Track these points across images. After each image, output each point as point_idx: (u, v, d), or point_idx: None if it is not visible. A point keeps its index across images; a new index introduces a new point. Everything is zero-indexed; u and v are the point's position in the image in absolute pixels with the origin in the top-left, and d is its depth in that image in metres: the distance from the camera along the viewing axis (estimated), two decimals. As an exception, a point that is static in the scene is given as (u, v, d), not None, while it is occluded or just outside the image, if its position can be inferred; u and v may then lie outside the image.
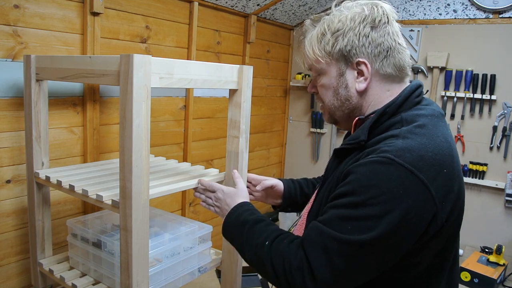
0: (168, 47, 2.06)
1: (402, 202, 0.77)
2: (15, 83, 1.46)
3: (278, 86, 3.10)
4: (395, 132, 0.85)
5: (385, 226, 0.77)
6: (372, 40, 0.89)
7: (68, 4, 1.59)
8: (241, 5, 2.39)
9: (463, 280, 2.15)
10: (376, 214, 0.78)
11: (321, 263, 0.81)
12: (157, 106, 2.07)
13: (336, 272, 0.81)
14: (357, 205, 0.80)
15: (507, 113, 2.47)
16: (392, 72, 0.91)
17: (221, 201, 1.15)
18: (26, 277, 1.57)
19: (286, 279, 0.86)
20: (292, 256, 0.86)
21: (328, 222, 0.83)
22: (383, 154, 0.80)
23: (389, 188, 0.78)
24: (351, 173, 0.83)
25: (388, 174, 0.78)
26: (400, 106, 0.89)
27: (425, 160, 0.80)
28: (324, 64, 0.93)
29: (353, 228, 0.79)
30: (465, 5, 2.55)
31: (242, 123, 1.28)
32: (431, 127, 0.86)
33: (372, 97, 0.93)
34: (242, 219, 1.01)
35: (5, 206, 1.49)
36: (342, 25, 0.89)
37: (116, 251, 1.22)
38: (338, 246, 0.80)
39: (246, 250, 0.95)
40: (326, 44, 0.91)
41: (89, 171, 1.38)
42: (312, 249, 0.83)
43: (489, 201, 2.58)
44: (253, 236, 0.95)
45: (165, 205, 2.20)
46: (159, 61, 1.00)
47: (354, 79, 0.92)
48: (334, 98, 0.95)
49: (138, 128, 0.97)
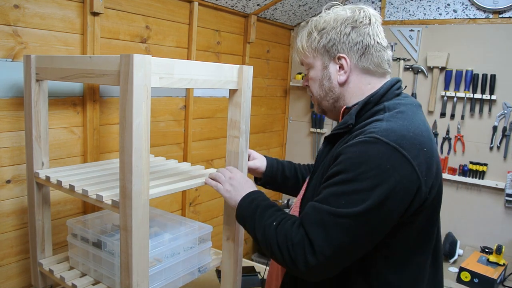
0: (168, 47, 2.06)
1: (390, 176, 0.86)
2: (15, 83, 1.46)
3: (278, 86, 3.10)
4: (379, 117, 0.96)
5: (376, 198, 0.86)
6: (352, 39, 1.01)
7: (68, 4, 1.59)
8: (241, 5, 2.40)
9: (463, 280, 2.15)
10: (367, 187, 0.86)
11: (320, 237, 0.89)
12: (157, 106, 2.08)
13: (334, 245, 0.89)
14: (349, 181, 0.88)
15: (507, 113, 2.47)
16: (370, 67, 1.03)
17: (237, 182, 1.18)
18: (26, 277, 1.57)
19: (290, 255, 0.93)
20: (293, 234, 0.93)
21: (323, 200, 0.92)
22: (370, 134, 0.90)
23: (378, 164, 0.87)
24: (341, 154, 0.93)
25: (376, 152, 0.87)
26: (383, 96, 1.01)
27: (407, 139, 0.89)
28: (311, 58, 1.07)
29: (347, 202, 0.88)
30: (465, 5, 2.55)
31: (242, 123, 1.28)
32: (411, 113, 0.97)
33: (354, 89, 1.05)
34: (255, 204, 1.08)
35: (5, 206, 1.49)
36: (326, 25, 1.03)
37: (116, 251, 1.22)
38: (335, 219, 0.88)
39: (256, 231, 1.03)
40: (313, 41, 1.05)
41: (89, 171, 1.38)
42: (311, 225, 0.91)
43: (489, 201, 2.58)
44: (262, 218, 1.03)
45: (165, 205, 2.20)
46: (159, 61, 1.00)
47: (336, 72, 1.04)
48: (320, 89, 1.08)
49: (138, 128, 0.97)
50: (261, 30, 2.74)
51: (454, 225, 2.66)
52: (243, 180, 1.19)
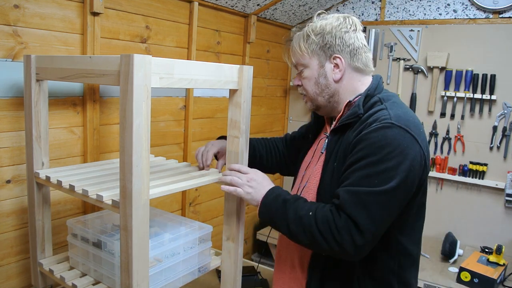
0: (168, 47, 2.06)
1: (408, 153, 1.02)
2: (15, 83, 1.46)
3: (278, 86, 3.10)
4: (381, 107, 1.11)
5: (402, 173, 1.01)
6: (345, 41, 1.15)
7: (68, 4, 1.59)
8: (241, 5, 2.40)
9: (463, 280, 2.15)
10: (394, 165, 1.01)
11: (364, 217, 1.00)
12: (157, 106, 2.08)
13: (376, 220, 1.02)
14: (377, 162, 1.02)
15: (507, 113, 2.47)
16: (360, 66, 1.17)
17: (256, 182, 1.19)
18: (26, 277, 1.57)
19: (335, 240, 1.02)
20: (336, 218, 1.03)
21: (357, 183, 1.03)
22: (384, 121, 1.05)
23: (397, 144, 1.02)
24: (362, 140, 1.06)
25: (394, 134, 1.03)
26: (375, 90, 1.17)
27: (411, 123, 1.07)
28: (307, 58, 1.18)
29: (379, 181, 1.01)
30: (465, 5, 2.55)
31: (242, 123, 1.28)
32: (400, 103, 1.16)
33: (347, 85, 1.18)
34: (282, 199, 1.13)
35: (5, 206, 1.49)
36: (322, 29, 1.15)
37: (116, 251, 1.22)
38: (374, 198, 1.01)
39: (290, 224, 1.08)
40: (311, 43, 1.16)
41: (89, 171, 1.38)
42: (353, 208, 1.01)
43: (489, 201, 2.58)
44: (295, 210, 1.09)
45: (165, 205, 2.21)
46: (159, 61, 1.00)
47: (332, 70, 1.17)
48: (316, 87, 1.19)
49: (138, 128, 0.97)
50: (261, 30, 2.74)
51: (454, 225, 2.66)
52: (260, 178, 1.21)
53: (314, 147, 1.33)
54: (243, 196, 1.19)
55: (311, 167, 1.27)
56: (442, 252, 2.45)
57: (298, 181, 1.33)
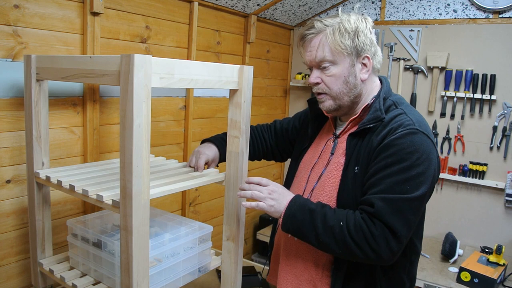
0: (168, 47, 2.06)
1: (432, 158, 1.07)
2: (15, 83, 1.46)
3: (278, 86, 3.10)
4: (399, 111, 1.14)
5: (429, 178, 1.06)
6: (372, 41, 1.17)
7: (68, 4, 1.59)
8: (241, 5, 2.40)
9: (463, 280, 2.15)
10: (423, 171, 1.05)
11: (401, 224, 1.03)
12: (157, 106, 2.08)
13: (411, 226, 1.05)
14: (408, 168, 1.05)
15: (507, 113, 2.47)
16: (378, 66, 1.20)
17: (278, 193, 1.16)
18: (26, 277, 1.57)
19: (371, 249, 1.04)
20: (371, 227, 1.04)
21: (390, 190, 1.04)
22: (409, 127, 1.08)
23: (423, 150, 1.06)
24: (389, 146, 1.07)
25: (420, 140, 1.07)
26: (388, 92, 1.21)
27: (427, 127, 1.13)
28: (342, 56, 1.15)
29: (411, 186, 1.04)
30: (465, 5, 2.55)
31: (242, 123, 1.28)
32: (410, 106, 1.21)
33: (368, 86, 1.20)
34: (308, 209, 1.11)
35: (5, 206, 1.49)
36: (357, 26, 1.14)
37: (116, 251, 1.22)
38: (409, 204, 1.04)
39: (320, 235, 1.08)
40: (347, 40, 1.13)
41: (89, 171, 1.38)
42: (390, 216, 1.03)
43: (489, 201, 2.58)
44: (324, 221, 1.08)
45: (165, 205, 2.20)
46: (159, 61, 1.00)
47: (360, 70, 1.17)
48: (344, 85, 1.17)
49: (139, 128, 0.97)
50: (261, 30, 2.74)
51: (454, 225, 2.66)
52: (281, 189, 1.17)
53: (318, 146, 1.30)
54: (266, 210, 1.14)
55: (318, 168, 1.25)
56: (442, 252, 2.45)
57: (301, 181, 1.30)
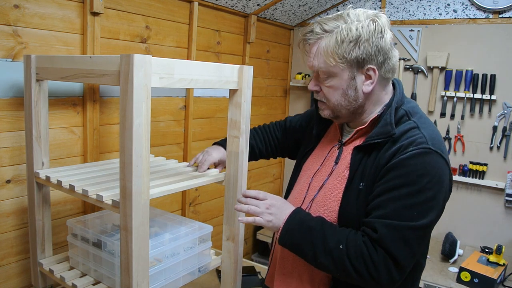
0: (168, 47, 2.06)
1: (444, 180, 0.99)
2: (15, 83, 1.46)
3: (278, 86, 3.10)
4: (412, 125, 1.04)
5: (439, 203, 0.99)
6: (381, 49, 1.01)
7: (68, 4, 1.59)
8: (241, 5, 2.40)
9: (463, 280, 2.15)
10: (432, 196, 0.97)
11: (405, 253, 0.96)
12: (157, 106, 2.07)
13: (415, 255, 0.98)
14: (417, 192, 0.96)
15: (507, 113, 2.47)
16: (390, 75, 1.07)
17: (276, 207, 1.08)
18: (26, 277, 1.57)
19: (371, 276, 0.97)
20: (372, 254, 0.97)
21: (395, 216, 0.96)
22: (421, 145, 0.98)
23: (435, 173, 0.98)
24: (398, 166, 0.98)
25: (433, 162, 0.98)
26: (401, 100, 1.09)
27: (441, 143, 1.02)
28: (337, 67, 1.03)
29: (419, 213, 0.96)
30: (465, 5, 2.55)
31: (242, 123, 1.28)
32: (424, 116, 1.09)
33: (375, 97, 1.08)
34: (306, 226, 1.04)
35: (5, 206, 1.49)
36: (360, 34, 1.00)
37: (116, 251, 1.22)
38: (415, 233, 0.96)
39: (318, 255, 1.01)
40: (344, 52, 1.01)
41: (89, 171, 1.38)
42: (393, 244, 0.95)
43: (489, 201, 2.58)
44: (324, 241, 1.01)
45: (165, 205, 2.20)
46: (159, 61, 1.00)
47: (362, 82, 1.05)
48: (342, 98, 1.07)
49: (138, 128, 0.97)
50: (261, 30, 2.74)
51: (454, 225, 2.66)
52: (279, 202, 1.10)
53: (322, 153, 1.22)
54: (264, 225, 1.08)
55: (321, 177, 1.16)
56: (442, 252, 2.45)
57: (303, 188, 1.21)
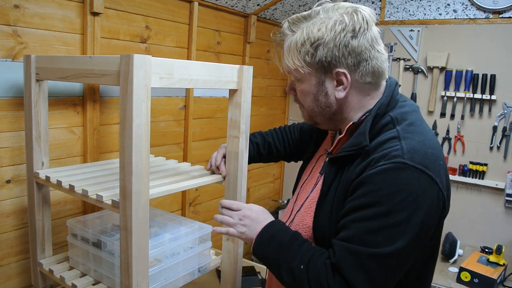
0: (168, 47, 2.06)
1: (422, 201, 0.81)
2: (15, 83, 1.46)
3: (278, 86, 3.10)
4: (392, 134, 0.88)
5: (414, 228, 0.81)
6: (352, 50, 0.88)
7: (68, 4, 1.59)
8: (241, 5, 2.40)
9: (463, 280, 2.15)
10: (404, 218, 0.81)
11: (363, 282, 0.82)
12: (157, 106, 2.07)
13: (378, 285, 0.83)
14: (384, 214, 0.81)
15: (507, 113, 2.47)
16: (370, 80, 0.92)
17: (250, 219, 1.02)
18: (26, 277, 1.57)
19: None
20: (329, 279, 0.85)
21: (357, 240, 0.83)
22: (395, 159, 0.83)
23: (410, 191, 0.81)
24: (366, 182, 0.84)
25: (406, 179, 0.81)
26: (387, 105, 0.93)
27: (428, 158, 0.84)
28: (303, 73, 0.93)
29: (384, 238, 0.81)
30: (465, 5, 2.55)
31: (242, 123, 1.28)
32: (419, 123, 0.92)
33: (353, 103, 0.95)
34: (277, 242, 0.95)
35: (5, 206, 1.49)
36: (322, 35, 0.88)
37: (116, 251, 1.22)
38: (377, 262, 0.81)
39: (282, 273, 0.93)
40: (306, 55, 0.90)
41: (89, 171, 1.38)
42: (350, 271, 0.82)
43: (489, 201, 2.58)
44: (289, 260, 0.92)
45: (165, 205, 2.20)
46: (159, 61, 1.00)
47: (334, 87, 0.93)
48: (314, 104, 0.96)
49: (138, 128, 0.97)
50: (261, 30, 2.74)
51: (454, 225, 2.66)
52: (254, 214, 1.03)
53: (313, 160, 1.16)
54: (237, 237, 1.03)
55: (308, 188, 1.09)
56: (442, 252, 2.45)
57: (293, 198, 1.16)
